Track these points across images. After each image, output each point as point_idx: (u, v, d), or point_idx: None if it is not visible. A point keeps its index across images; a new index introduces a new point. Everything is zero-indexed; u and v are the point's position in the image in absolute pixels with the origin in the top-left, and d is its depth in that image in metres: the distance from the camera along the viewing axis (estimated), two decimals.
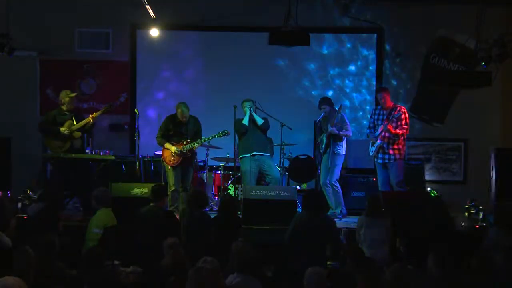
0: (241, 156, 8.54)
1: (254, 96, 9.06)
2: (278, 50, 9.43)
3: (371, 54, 10.23)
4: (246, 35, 10.21)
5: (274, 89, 10.02)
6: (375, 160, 8.39)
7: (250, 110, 8.47)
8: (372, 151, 8.34)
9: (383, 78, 10.19)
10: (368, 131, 8.55)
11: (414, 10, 9.98)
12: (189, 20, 10.13)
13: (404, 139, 8.29)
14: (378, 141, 8.23)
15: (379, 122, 8.32)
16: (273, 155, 9.07)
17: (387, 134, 8.17)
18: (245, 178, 8.47)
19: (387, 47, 10.17)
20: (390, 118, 8.14)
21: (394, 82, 10.17)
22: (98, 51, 10.16)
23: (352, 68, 10.25)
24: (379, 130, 8.22)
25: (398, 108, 8.24)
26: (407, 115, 8.27)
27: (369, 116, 8.79)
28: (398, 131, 8.13)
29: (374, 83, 10.21)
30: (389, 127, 8.11)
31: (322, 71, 10.25)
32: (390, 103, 8.34)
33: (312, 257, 5.86)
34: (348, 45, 10.26)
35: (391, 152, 8.21)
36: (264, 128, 8.57)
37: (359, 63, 10.25)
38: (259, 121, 8.51)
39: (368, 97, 10.25)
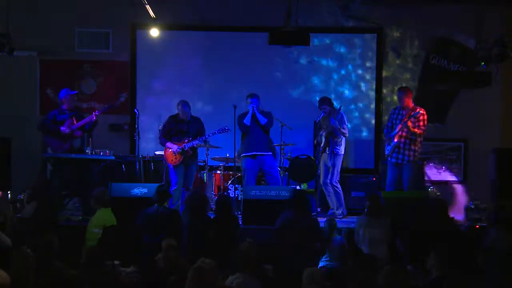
0: (242, 155, 8.53)
1: None
2: (278, 50, 9.45)
3: (371, 54, 10.22)
4: (246, 35, 10.21)
5: (274, 89, 10.01)
6: (389, 159, 8.36)
7: (253, 109, 8.41)
8: (388, 150, 8.32)
9: (383, 78, 10.18)
10: (385, 130, 8.54)
11: (414, 10, 9.98)
12: (189, 20, 10.12)
13: (420, 141, 8.26)
14: (394, 141, 8.21)
15: (397, 122, 8.28)
16: (276, 155, 9.02)
17: (404, 133, 8.14)
18: (245, 176, 8.48)
19: (387, 47, 10.17)
20: (409, 117, 8.11)
21: (394, 82, 10.16)
22: (98, 51, 10.15)
23: (352, 68, 10.24)
24: (396, 129, 8.19)
25: (418, 109, 8.20)
26: (425, 117, 8.23)
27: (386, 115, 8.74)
28: (416, 129, 8.10)
29: (374, 83, 10.21)
30: (409, 123, 8.07)
31: (322, 71, 10.24)
32: (410, 104, 8.29)
33: (303, 256, 5.89)
34: (348, 45, 10.25)
35: (406, 152, 8.18)
36: (268, 127, 8.53)
37: (358, 63, 10.24)
38: (262, 120, 8.41)
39: (368, 97, 10.24)
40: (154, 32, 9.69)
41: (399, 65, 10.21)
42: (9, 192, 8.23)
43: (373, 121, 10.20)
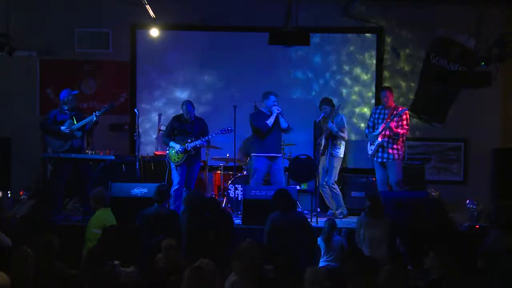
0: (255, 154, 8.48)
1: (254, 96, 9.10)
2: (278, 50, 9.44)
3: (371, 54, 10.23)
4: (246, 35, 10.21)
5: (274, 89, 9.97)
6: (374, 159, 8.38)
7: (278, 111, 8.35)
8: (371, 150, 8.33)
9: (382, 78, 10.19)
10: (367, 130, 8.54)
11: (414, 10, 9.98)
12: (189, 20, 10.13)
13: (403, 140, 8.28)
14: (378, 140, 8.21)
15: (379, 121, 8.30)
16: None
17: (387, 133, 8.15)
18: (254, 176, 8.44)
19: (387, 47, 10.17)
20: (392, 117, 8.13)
21: (394, 82, 10.17)
22: (98, 51, 10.15)
23: (352, 68, 10.25)
24: (380, 129, 8.20)
25: (400, 108, 8.23)
26: (408, 116, 8.27)
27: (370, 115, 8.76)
28: (399, 130, 8.12)
29: (374, 83, 10.21)
30: (392, 124, 8.09)
31: (322, 71, 10.25)
32: (392, 103, 8.33)
33: (296, 255, 5.89)
34: (348, 45, 10.25)
35: (390, 151, 8.20)
36: (286, 132, 8.49)
37: (359, 63, 10.25)
38: (284, 124, 8.39)
39: (368, 97, 10.24)
40: (154, 32, 9.69)
41: (399, 64, 10.21)
42: (9, 192, 8.23)
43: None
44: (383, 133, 8.18)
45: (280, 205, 6.47)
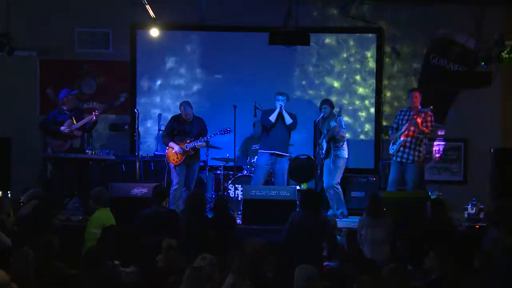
0: (260, 150, 8.51)
1: (254, 96, 9.09)
2: (278, 50, 9.44)
3: (371, 55, 10.22)
4: (246, 35, 10.21)
5: (273, 89, 9.98)
6: (393, 158, 8.33)
7: (280, 107, 8.38)
8: (393, 149, 8.29)
9: (383, 79, 10.18)
10: (390, 131, 8.51)
11: (414, 10, 9.98)
12: (189, 20, 10.12)
13: (425, 142, 8.25)
14: (400, 139, 8.19)
15: (403, 122, 8.26)
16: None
17: (411, 133, 8.11)
18: (256, 172, 8.45)
19: (387, 47, 10.16)
20: (418, 114, 8.08)
21: (394, 83, 10.17)
22: (98, 51, 10.14)
23: (352, 68, 10.24)
24: (403, 128, 8.17)
25: (426, 110, 8.16)
26: (433, 118, 8.21)
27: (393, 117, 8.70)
28: (425, 128, 8.08)
29: (374, 83, 10.21)
30: (418, 120, 8.03)
31: (322, 71, 10.25)
32: (418, 105, 8.24)
33: (309, 256, 5.88)
34: (348, 45, 10.25)
35: (412, 152, 8.16)
36: (292, 128, 8.52)
37: (359, 63, 10.24)
38: (288, 120, 8.41)
39: (368, 98, 10.24)
40: (154, 32, 9.68)
41: (399, 64, 10.21)
42: (9, 192, 8.23)
43: (372, 124, 10.21)
44: (406, 132, 8.15)
45: (306, 205, 6.48)
